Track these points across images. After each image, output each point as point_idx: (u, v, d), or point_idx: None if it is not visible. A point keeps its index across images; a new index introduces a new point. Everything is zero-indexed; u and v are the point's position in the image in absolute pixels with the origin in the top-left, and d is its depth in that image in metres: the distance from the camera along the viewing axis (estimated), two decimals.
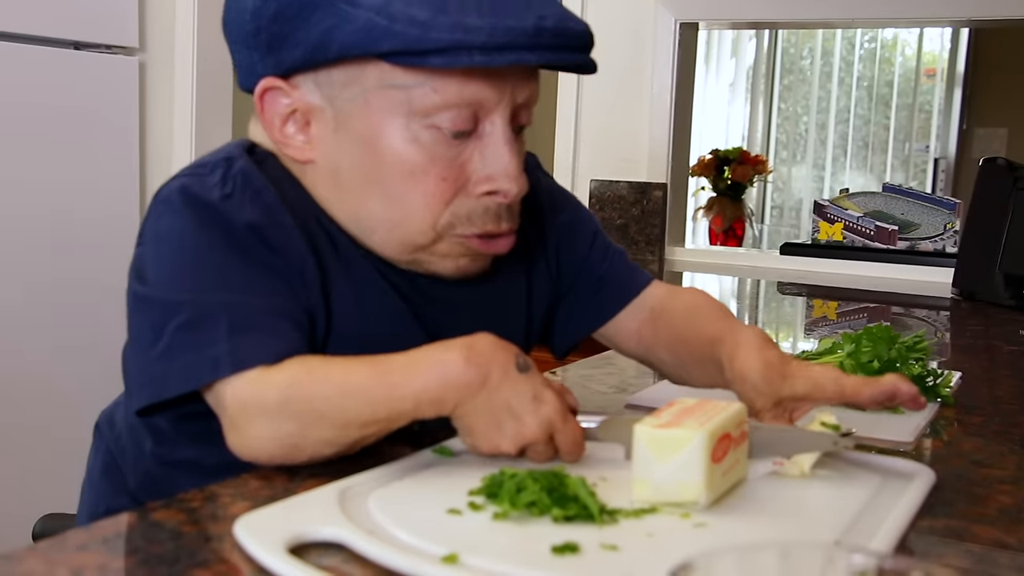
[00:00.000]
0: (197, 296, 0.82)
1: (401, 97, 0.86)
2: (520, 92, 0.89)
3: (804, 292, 2.40)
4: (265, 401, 0.78)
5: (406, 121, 0.87)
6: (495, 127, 0.88)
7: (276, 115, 0.91)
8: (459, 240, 0.91)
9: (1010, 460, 0.96)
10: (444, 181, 0.88)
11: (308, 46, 0.86)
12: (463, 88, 0.85)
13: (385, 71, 0.85)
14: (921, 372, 1.17)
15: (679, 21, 2.70)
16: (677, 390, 1.18)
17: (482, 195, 0.89)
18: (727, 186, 4.11)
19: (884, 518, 0.75)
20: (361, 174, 0.89)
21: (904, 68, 5.36)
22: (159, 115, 2.53)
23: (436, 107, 0.86)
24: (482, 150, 0.89)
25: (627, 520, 0.72)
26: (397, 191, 0.89)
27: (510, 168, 0.89)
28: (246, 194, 0.87)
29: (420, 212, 0.89)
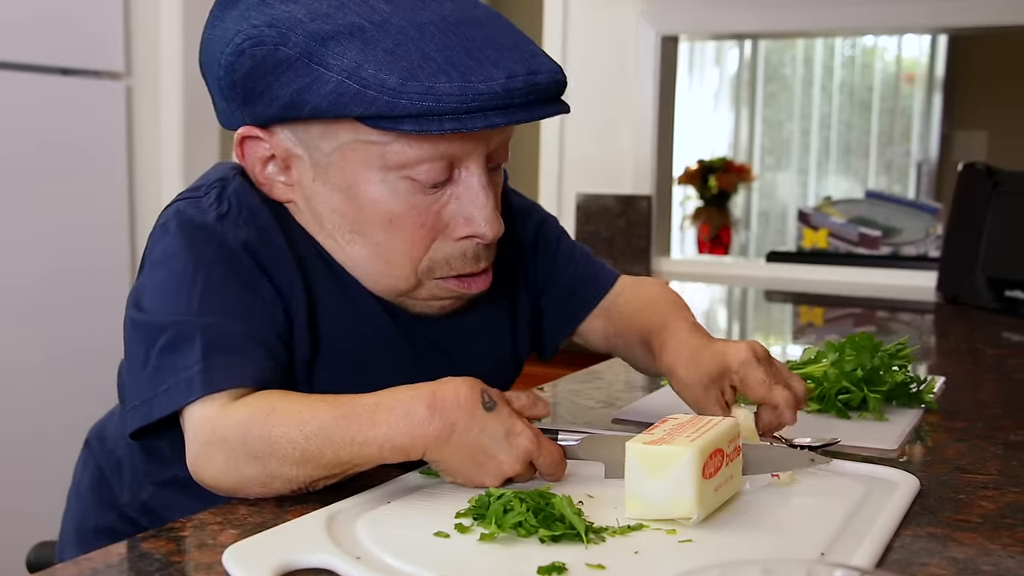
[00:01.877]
0: (181, 318, 0.84)
1: (376, 152, 0.87)
2: (494, 140, 0.91)
3: (791, 299, 2.42)
4: (226, 439, 0.79)
5: (382, 174, 0.88)
6: (470, 173, 0.90)
7: (256, 159, 0.92)
8: (438, 283, 0.93)
9: (993, 465, 0.97)
10: (423, 228, 0.90)
11: (281, 104, 0.87)
12: (436, 146, 0.87)
13: (359, 129, 0.87)
14: (904, 379, 1.18)
15: (660, 34, 2.72)
16: (664, 404, 1.18)
17: (460, 239, 0.92)
18: (713, 195, 4.14)
19: (869, 528, 0.76)
20: (343, 221, 0.91)
21: (884, 74, 5.39)
22: (146, 139, 2.53)
23: (410, 162, 0.87)
24: (459, 196, 0.90)
25: (614, 538, 0.73)
26: (378, 239, 0.91)
27: (486, 211, 0.90)
28: (241, 214, 0.89)
29: (401, 260, 0.91)
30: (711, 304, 2.39)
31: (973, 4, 2.45)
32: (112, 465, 1.03)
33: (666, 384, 1.28)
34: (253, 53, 0.86)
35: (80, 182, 2.35)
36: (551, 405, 1.18)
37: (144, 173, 2.52)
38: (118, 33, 2.43)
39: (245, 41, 0.86)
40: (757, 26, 2.73)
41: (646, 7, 2.71)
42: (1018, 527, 0.80)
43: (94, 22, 2.39)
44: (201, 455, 0.80)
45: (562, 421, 1.12)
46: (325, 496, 0.81)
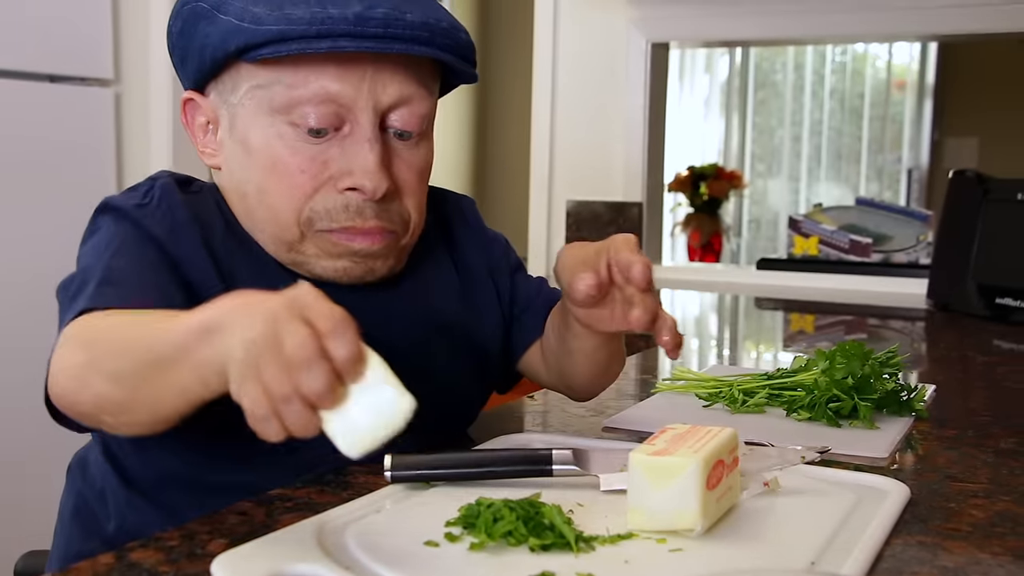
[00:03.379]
0: (88, 265, 0.87)
1: (263, 96, 0.91)
2: (383, 92, 0.91)
3: (781, 307, 2.42)
4: (68, 334, 0.79)
5: (270, 119, 0.91)
6: (357, 126, 0.91)
7: (197, 126, 0.98)
8: (323, 236, 0.93)
9: (983, 473, 0.97)
10: (303, 174, 0.91)
11: (197, 56, 0.93)
12: (314, 83, 0.89)
13: (251, 72, 0.91)
14: (895, 387, 1.18)
15: (651, 42, 2.72)
16: (654, 413, 1.18)
17: (343, 191, 0.92)
18: (704, 202, 4.14)
19: (859, 537, 0.76)
20: (242, 173, 0.94)
21: (875, 80, 5.41)
22: (135, 146, 2.52)
23: (292, 103, 0.90)
24: (344, 147, 0.92)
25: (603, 547, 0.73)
26: (264, 185, 0.92)
27: (368, 164, 0.91)
28: (160, 208, 0.92)
29: (282, 206, 0.92)
30: (702, 311, 2.39)
31: (963, 12, 2.46)
32: (95, 495, 1.01)
33: (656, 392, 1.28)
34: (183, 13, 0.94)
35: (69, 189, 2.35)
36: (542, 414, 1.18)
37: (133, 180, 2.51)
38: (106, 40, 2.43)
39: (178, 2, 0.95)
40: (747, 34, 2.73)
41: (636, 14, 2.72)
42: (1008, 536, 0.80)
43: (82, 29, 2.38)
44: (59, 350, 0.79)
45: (552, 430, 1.11)
46: (315, 505, 0.81)
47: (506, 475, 0.86)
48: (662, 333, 0.86)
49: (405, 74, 0.92)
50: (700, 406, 1.21)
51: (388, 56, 0.91)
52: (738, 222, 5.42)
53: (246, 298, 0.67)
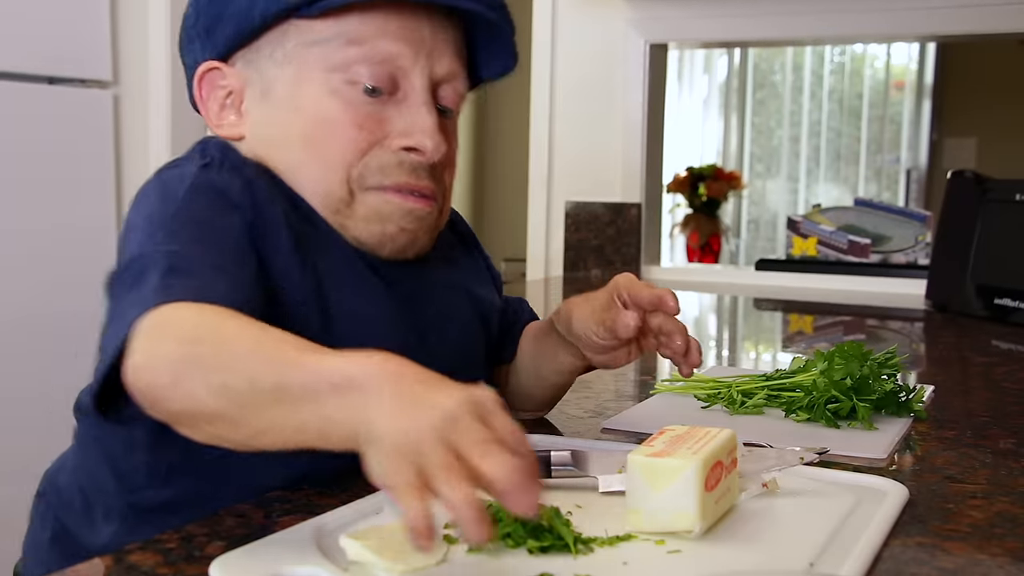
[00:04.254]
0: (142, 251, 0.78)
1: (318, 53, 0.90)
2: (438, 60, 0.92)
3: (780, 307, 2.42)
4: (155, 323, 0.70)
5: (325, 76, 0.90)
6: (413, 89, 0.92)
7: (213, 100, 0.95)
8: (375, 194, 0.91)
9: (982, 474, 0.97)
10: (360, 129, 0.90)
11: (236, 18, 0.91)
12: (375, 40, 0.89)
13: (303, 29, 0.90)
14: (894, 387, 1.18)
15: (649, 42, 2.72)
16: (653, 414, 1.18)
17: (398, 150, 0.91)
18: (702, 202, 4.15)
19: (858, 538, 0.76)
20: (285, 134, 0.92)
21: (874, 80, 5.42)
22: (134, 148, 2.52)
23: (351, 60, 0.89)
24: (400, 109, 0.92)
25: (602, 548, 0.73)
26: (316, 141, 0.91)
27: (426, 125, 0.91)
28: (224, 165, 0.88)
29: (335, 160, 0.90)
30: (701, 312, 2.39)
31: (961, 12, 2.46)
32: (76, 512, 0.97)
33: (655, 393, 1.28)
34: None
35: (67, 191, 2.35)
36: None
37: (132, 182, 2.51)
38: (105, 42, 2.43)
39: None
40: (746, 34, 2.74)
41: (635, 15, 2.72)
42: (1007, 537, 0.80)
43: (81, 31, 2.38)
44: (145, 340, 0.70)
45: (551, 432, 1.11)
46: (314, 507, 0.81)
47: None
48: (693, 355, 0.95)
49: (455, 49, 0.94)
50: (699, 407, 1.21)
51: (443, 30, 0.93)
52: (737, 223, 5.42)
53: (402, 370, 0.62)
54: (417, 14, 0.91)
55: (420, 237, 0.95)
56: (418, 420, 0.58)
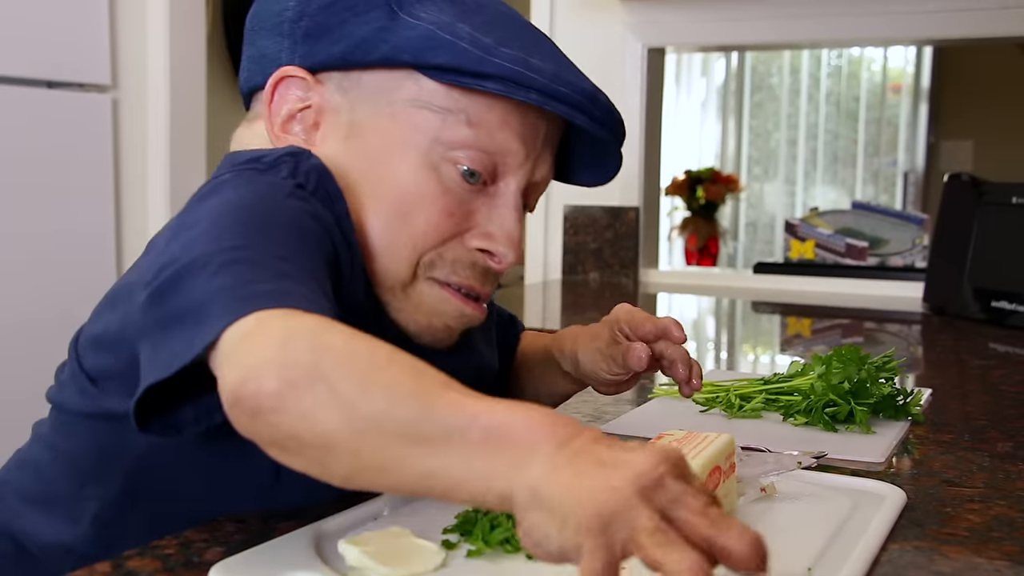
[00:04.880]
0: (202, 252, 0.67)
1: (432, 121, 0.83)
2: (541, 166, 0.88)
3: (778, 311, 2.42)
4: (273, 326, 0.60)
5: (428, 147, 0.83)
6: (508, 189, 0.86)
7: (285, 107, 0.85)
8: (435, 288, 0.85)
9: (979, 478, 0.97)
10: (450, 217, 0.84)
11: (352, 42, 0.83)
12: (498, 130, 0.84)
13: (425, 89, 0.83)
14: (891, 391, 1.18)
15: (646, 46, 2.73)
16: (652, 418, 1.19)
17: (475, 249, 0.86)
18: (700, 205, 4.15)
19: (856, 542, 0.76)
20: (363, 189, 0.83)
21: (871, 83, 5.43)
22: (133, 152, 2.52)
23: (464, 141, 0.83)
24: (491, 206, 0.86)
25: None
26: (400, 212, 0.83)
27: (513, 233, 0.86)
28: (317, 194, 0.79)
29: (412, 240, 0.83)
30: (699, 315, 2.39)
31: (958, 16, 2.46)
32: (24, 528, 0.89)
33: (653, 397, 1.28)
34: None
35: (66, 195, 2.35)
36: None
37: (131, 186, 2.51)
38: (104, 46, 2.43)
39: None
40: (743, 38, 2.74)
41: (632, 19, 2.72)
42: (1004, 540, 0.80)
43: (80, 35, 2.38)
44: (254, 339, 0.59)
45: None
46: (312, 514, 0.81)
47: None
48: (695, 381, 0.96)
49: (553, 154, 0.90)
50: (697, 411, 1.21)
51: (553, 137, 0.89)
52: (735, 226, 5.43)
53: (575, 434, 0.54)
54: (539, 115, 0.86)
55: (456, 338, 0.91)
56: (611, 481, 0.50)
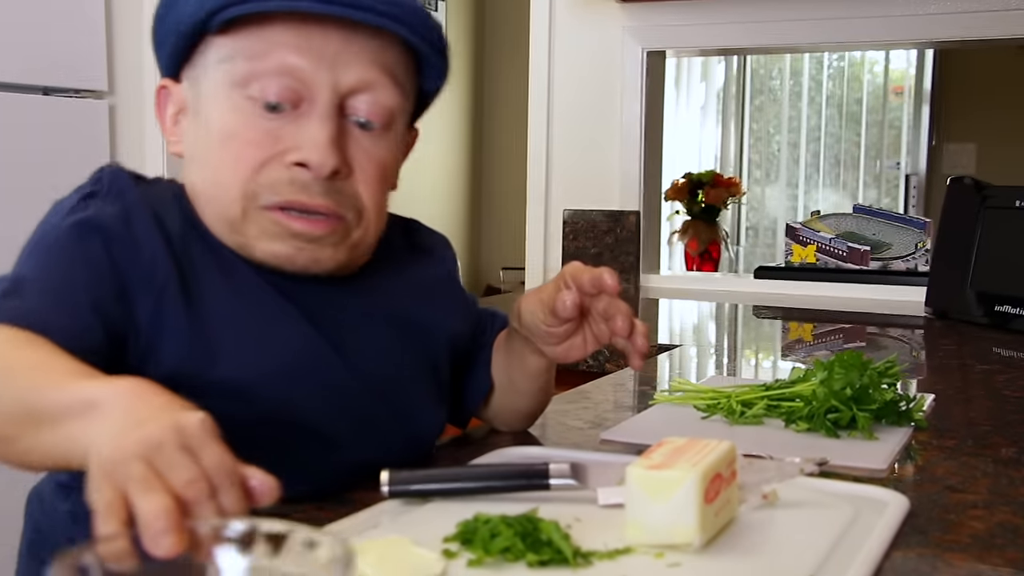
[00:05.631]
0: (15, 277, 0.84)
1: (226, 69, 0.90)
2: (346, 71, 0.90)
3: (780, 315, 2.42)
4: None
5: (229, 92, 0.90)
6: (313, 104, 0.90)
7: (168, 117, 0.97)
8: (265, 215, 0.90)
9: (983, 484, 0.97)
10: (253, 146, 0.90)
11: (172, 35, 0.93)
12: (274, 55, 0.89)
13: (215, 46, 0.91)
14: (894, 397, 1.17)
15: (646, 50, 2.72)
16: (652, 424, 1.18)
17: (291, 165, 0.89)
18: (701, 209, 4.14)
19: (859, 549, 0.75)
20: (202, 154, 0.93)
21: (872, 86, 5.42)
22: (130, 158, 2.52)
23: (251, 75, 0.89)
24: (299, 125, 0.90)
25: (601, 562, 0.72)
26: (214, 158, 0.91)
27: (317, 138, 0.89)
28: (110, 194, 0.90)
29: (230, 178, 0.90)
30: (700, 320, 2.38)
31: (959, 18, 2.46)
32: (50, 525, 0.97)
33: (654, 403, 1.28)
34: None
35: None
36: (540, 426, 1.18)
37: None
38: (100, 52, 2.43)
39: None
40: (744, 41, 2.73)
41: (632, 23, 2.72)
42: (1008, 547, 0.79)
43: (76, 41, 2.38)
44: None
45: (549, 443, 1.11)
46: (313, 521, 0.80)
47: (503, 490, 0.86)
48: (638, 339, 0.94)
49: (371, 59, 0.91)
50: (698, 417, 1.21)
51: (355, 37, 0.90)
52: (736, 230, 5.42)
53: (140, 394, 0.65)
54: (324, 26, 0.89)
55: (324, 257, 0.92)
56: (123, 439, 0.59)
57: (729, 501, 0.80)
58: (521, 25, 3.20)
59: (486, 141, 5.67)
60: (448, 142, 5.48)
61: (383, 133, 0.94)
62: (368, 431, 0.95)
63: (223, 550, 0.52)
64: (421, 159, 6.26)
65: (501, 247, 5.60)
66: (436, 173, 5.39)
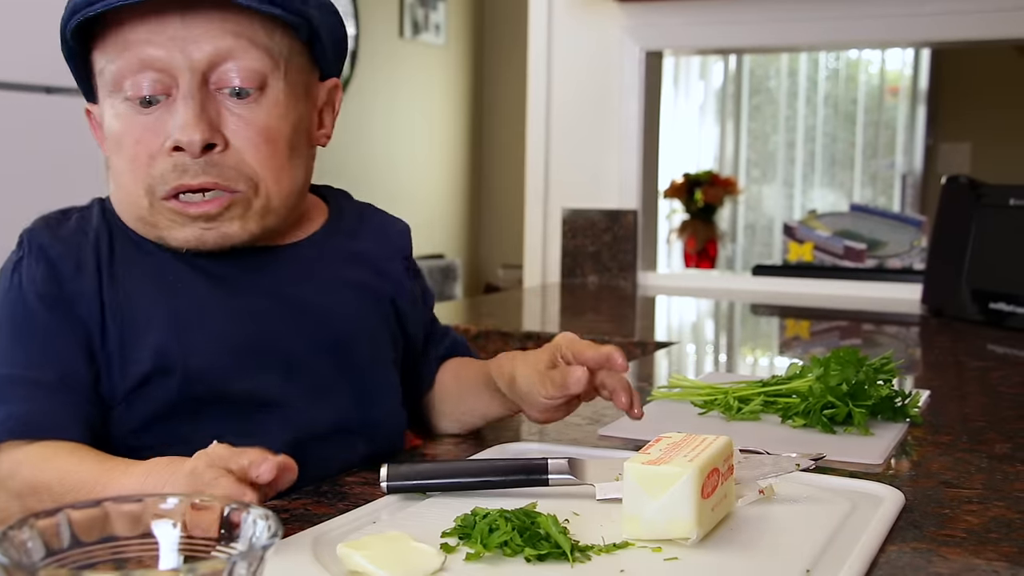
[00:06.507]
0: None
1: (102, 81, 0.95)
2: (196, 49, 0.92)
3: (777, 313, 2.43)
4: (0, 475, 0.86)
5: (111, 100, 0.95)
6: (179, 90, 0.92)
7: (98, 136, 1.01)
8: (164, 205, 0.94)
9: (977, 479, 0.97)
10: (139, 144, 0.93)
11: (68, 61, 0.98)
12: (130, 53, 0.92)
13: (95, 62, 0.96)
14: (889, 393, 1.18)
15: (644, 50, 2.73)
16: (650, 421, 1.19)
17: (170, 152, 0.92)
18: (699, 208, 4.15)
19: (854, 544, 0.76)
20: (110, 162, 0.98)
21: (869, 86, 5.43)
22: None
23: (118, 77, 0.93)
24: (172, 111, 0.93)
25: (599, 556, 0.73)
26: (113, 164, 0.96)
27: (183, 118, 0.91)
28: (32, 253, 0.95)
29: (130, 181, 0.95)
30: (698, 318, 2.39)
31: (956, 19, 2.47)
32: None
33: (652, 399, 1.28)
34: None
35: (64, 200, 2.34)
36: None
37: None
38: None
39: None
40: (741, 41, 2.74)
41: (630, 23, 2.73)
42: (1003, 542, 0.80)
43: None
44: None
45: (548, 439, 1.12)
46: (311, 517, 0.81)
47: (502, 485, 0.86)
48: (634, 407, 0.97)
49: (221, 28, 0.92)
50: (696, 413, 1.22)
51: (196, 13, 0.91)
52: (733, 228, 5.43)
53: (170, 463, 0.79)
54: (164, 13, 0.91)
55: (232, 231, 0.95)
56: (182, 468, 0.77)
57: (726, 496, 0.80)
58: (520, 25, 3.21)
59: (485, 140, 5.68)
60: (447, 141, 5.48)
61: (259, 97, 0.94)
62: (320, 395, 0.98)
63: (160, 524, 0.59)
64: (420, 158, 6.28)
65: (500, 245, 5.61)
66: (435, 172, 5.39)
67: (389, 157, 4.97)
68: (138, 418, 0.93)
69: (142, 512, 0.59)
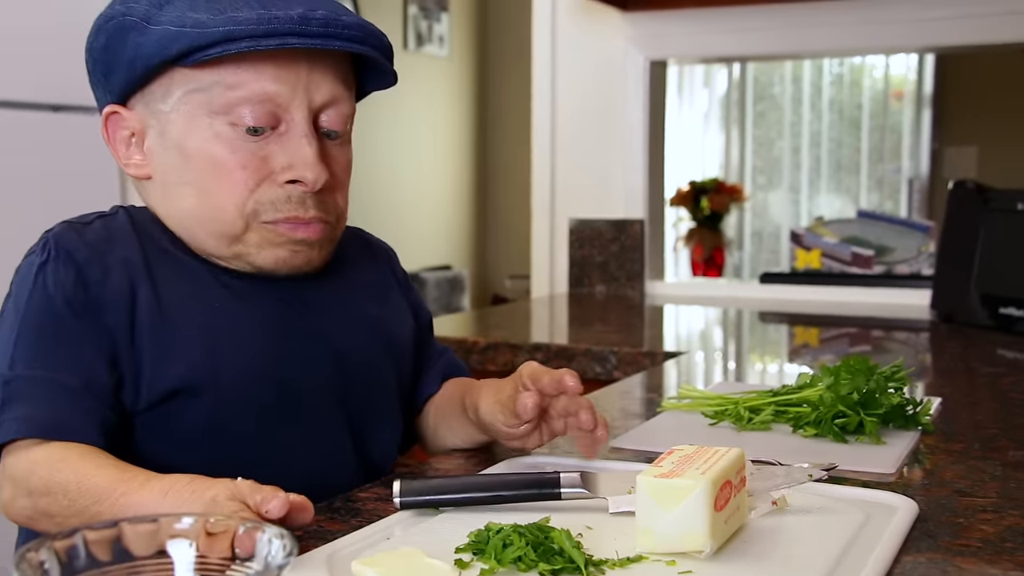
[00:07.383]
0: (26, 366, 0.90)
1: (202, 99, 0.96)
2: (317, 91, 0.97)
3: (785, 320, 2.42)
4: (14, 475, 0.86)
5: (209, 121, 0.96)
6: (293, 123, 0.97)
7: (119, 140, 1.01)
8: (268, 228, 0.97)
9: (991, 487, 0.97)
10: (245, 170, 0.96)
11: (125, 66, 0.97)
12: (252, 84, 0.95)
13: (187, 76, 0.95)
14: (901, 401, 1.18)
15: (649, 59, 2.73)
16: (661, 432, 1.19)
17: (285, 184, 0.97)
18: (705, 216, 4.16)
19: (869, 554, 0.76)
20: (178, 176, 0.98)
21: (873, 91, 5.43)
22: None
23: (231, 103, 0.95)
24: (283, 144, 0.97)
25: (613, 570, 0.73)
26: (206, 185, 0.97)
27: (308, 157, 0.96)
28: (59, 258, 0.95)
29: (226, 201, 0.96)
30: (707, 326, 2.39)
31: (961, 24, 2.47)
32: None
33: (662, 411, 1.28)
34: (107, 28, 0.98)
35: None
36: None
37: None
38: None
39: (101, 19, 0.99)
40: (745, 49, 2.74)
41: (634, 33, 2.73)
42: (1018, 551, 0.80)
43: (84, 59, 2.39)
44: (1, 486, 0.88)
45: (559, 451, 1.12)
46: (325, 533, 0.81)
47: (515, 499, 0.86)
48: (599, 431, 0.97)
49: (334, 77, 0.99)
50: (706, 424, 1.21)
51: (321, 60, 0.97)
52: (740, 235, 5.43)
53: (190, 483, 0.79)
54: (293, 53, 0.95)
55: (315, 256, 1.01)
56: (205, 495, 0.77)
57: (739, 508, 0.80)
58: (524, 36, 3.22)
59: (490, 151, 5.68)
60: (452, 152, 5.49)
61: (343, 139, 1.03)
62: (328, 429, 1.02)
63: (175, 544, 0.60)
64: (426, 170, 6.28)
65: (507, 255, 5.61)
66: (441, 183, 5.40)
67: (394, 169, 4.98)
68: (160, 430, 0.94)
69: (157, 531, 0.59)
